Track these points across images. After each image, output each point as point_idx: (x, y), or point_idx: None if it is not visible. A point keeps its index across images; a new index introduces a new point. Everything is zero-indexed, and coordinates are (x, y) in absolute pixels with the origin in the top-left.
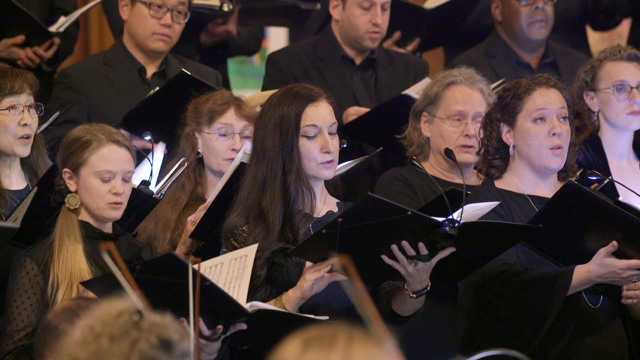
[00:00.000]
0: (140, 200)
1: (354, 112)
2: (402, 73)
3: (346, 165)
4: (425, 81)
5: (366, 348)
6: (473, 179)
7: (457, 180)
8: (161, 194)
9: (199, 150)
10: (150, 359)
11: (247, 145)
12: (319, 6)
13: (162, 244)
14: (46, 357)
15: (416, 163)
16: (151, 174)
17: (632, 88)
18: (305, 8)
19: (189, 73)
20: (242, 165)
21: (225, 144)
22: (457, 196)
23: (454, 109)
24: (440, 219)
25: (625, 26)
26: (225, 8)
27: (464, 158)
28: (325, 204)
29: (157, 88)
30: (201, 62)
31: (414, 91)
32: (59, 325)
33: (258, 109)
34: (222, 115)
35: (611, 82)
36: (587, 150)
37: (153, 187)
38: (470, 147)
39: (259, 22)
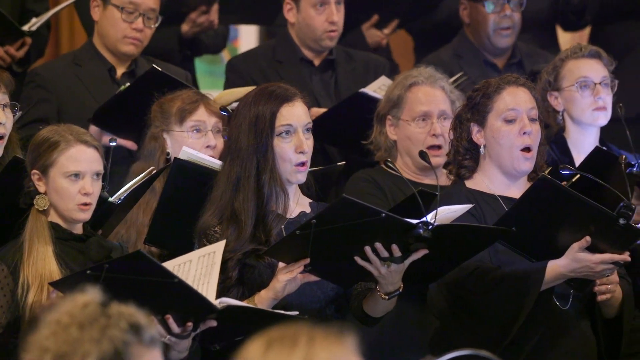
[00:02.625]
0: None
1: (314, 113)
2: (362, 73)
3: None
4: (382, 79)
5: (328, 347)
6: (443, 178)
7: (426, 181)
8: (119, 199)
9: (169, 151)
10: (121, 343)
11: (185, 148)
12: None
13: (135, 249)
14: None
15: (391, 165)
16: (107, 178)
17: (595, 84)
18: None
19: (160, 69)
20: (176, 161)
21: (200, 141)
22: (427, 197)
23: (418, 110)
24: (414, 221)
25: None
26: None
27: (434, 162)
28: (298, 205)
29: (128, 84)
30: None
31: (371, 89)
32: None
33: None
34: (194, 112)
35: (574, 79)
36: (553, 149)
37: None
38: (439, 146)
39: (232, 19)
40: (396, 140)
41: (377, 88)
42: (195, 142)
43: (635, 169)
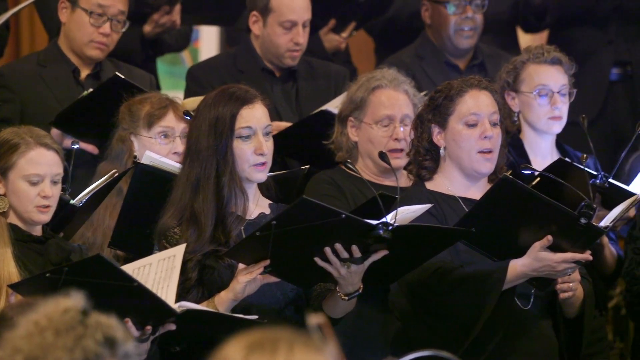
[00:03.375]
0: (59, 207)
1: (275, 127)
2: (323, 83)
3: (272, 174)
4: (344, 95)
5: (307, 354)
6: (403, 180)
7: (387, 182)
8: (81, 201)
9: (136, 154)
10: (93, 355)
11: (148, 153)
12: None
13: (102, 252)
14: None
15: (350, 166)
16: (69, 181)
17: (554, 93)
18: None
19: (123, 77)
20: (139, 165)
21: (167, 147)
22: (388, 200)
23: (381, 114)
24: (374, 222)
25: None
26: None
27: (394, 164)
28: (257, 206)
29: (91, 90)
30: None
31: (334, 106)
32: (13, 318)
33: None
34: (162, 118)
35: (533, 86)
36: (510, 152)
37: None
38: (400, 150)
39: (194, 20)
40: (357, 141)
41: (340, 104)
42: (162, 148)
43: (598, 180)
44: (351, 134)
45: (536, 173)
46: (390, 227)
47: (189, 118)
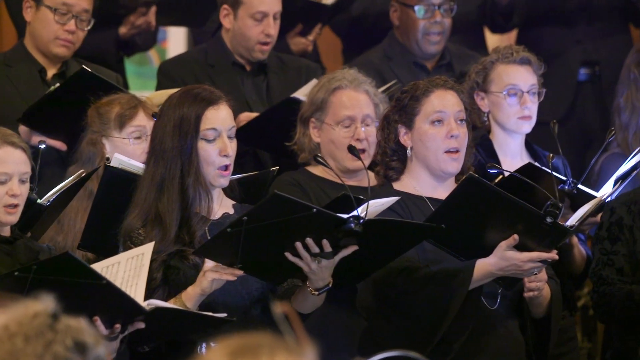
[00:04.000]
0: (27, 206)
1: (245, 117)
2: (294, 77)
3: (240, 176)
4: (313, 83)
5: (289, 359)
6: (366, 180)
7: (350, 182)
8: (49, 201)
9: (108, 156)
10: None
11: (117, 155)
12: None
13: None
14: None
15: (321, 160)
16: (36, 180)
17: (523, 93)
18: None
19: (90, 70)
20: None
21: (140, 147)
22: (356, 201)
23: (342, 115)
24: (345, 216)
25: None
26: None
27: (358, 164)
28: (221, 207)
29: (58, 84)
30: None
31: (302, 94)
32: None
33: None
34: (133, 118)
35: (503, 86)
36: (479, 152)
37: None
38: (363, 150)
39: (164, 21)
40: (319, 142)
41: (309, 92)
42: (136, 148)
43: (566, 186)
44: (313, 135)
45: (506, 174)
46: (361, 221)
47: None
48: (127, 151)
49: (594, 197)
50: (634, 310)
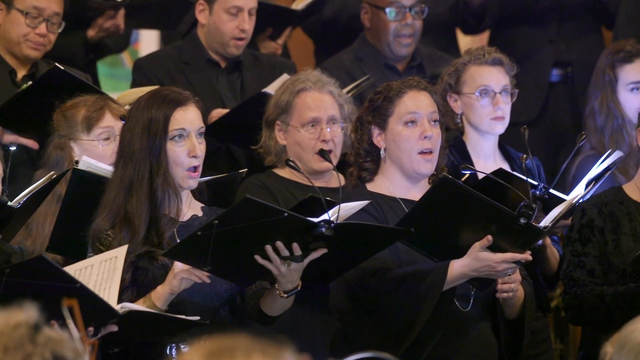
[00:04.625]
0: None
1: (217, 114)
2: (268, 75)
3: (209, 178)
4: (284, 77)
5: None
6: (334, 180)
7: (317, 184)
8: (19, 203)
9: (77, 159)
10: None
11: (85, 158)
12: None
13: None
14: None
15: (292, 164)
16: (6, 182)
17: (495, 93)
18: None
19: (62, 68)
20: (75, 171)
21: (109, 148)
22: (319, 202)
23: (307, 117)
24: (316, 220)
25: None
26: None
27: (323, 166)
28: (190, 208)
29: (30, 82)
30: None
31: (273, 89)
32: None
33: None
34: (101, 119)
35: (475, 87)
36: (452, 153)
37: None
38: (329, 151)
39: (135, 24)
40: (285, 145)
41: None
42: (105, 150)
43: (538, 191)
44: (279, 138)
45: (479, 176)
46: (332, 225)
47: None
48: (97, 153)
49: (566, 200)
50: (605, 312)
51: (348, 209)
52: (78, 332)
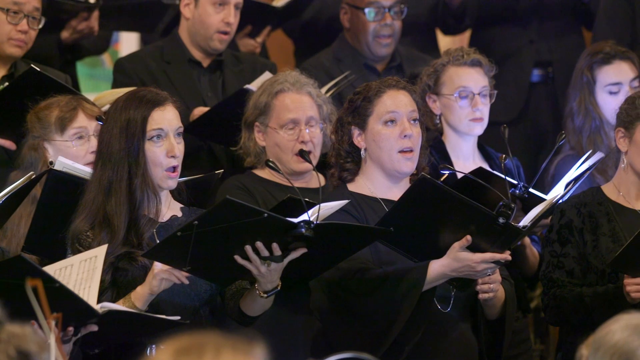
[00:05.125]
0: None
1: (199, 112)
2: (249, 74)
3: (185, 179)
4: (265, 75)
5: (235, 357)
6: (314, 181)
7: (297, 184)
8: None
9: (52, 160)
10: None
11: (61, 159)
12: (178, 1)
13: None
14: None
15: (272, 165)
16: None
17: (474, 95)
18: (167, 2)
19: (39, 69)
20: (51, 172)
21: (83, 148)
22: (299, 203)
23: (285, 118)
24: (296, 221)
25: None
26: (92, 0)
27: (303, 167)
28: (169, 209)
29: (6, 83)
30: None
31: (254, 86)
32: None
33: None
34: (74, 120)
35: (454, 88)
36: (432, 154)
37: None
38: (308, 152)
39: (111, 26)
40: (265, 146)
41: (261, 83)
42: (79, 150)
43: (517, 191)
44: (258, 139)
45: (458, 175)
46: (311, 225)
47: (102, 123)
48: (71, 153)
49: (545, 200)
50: (584, 313)
51: (327, 209)
52: (42, 312)
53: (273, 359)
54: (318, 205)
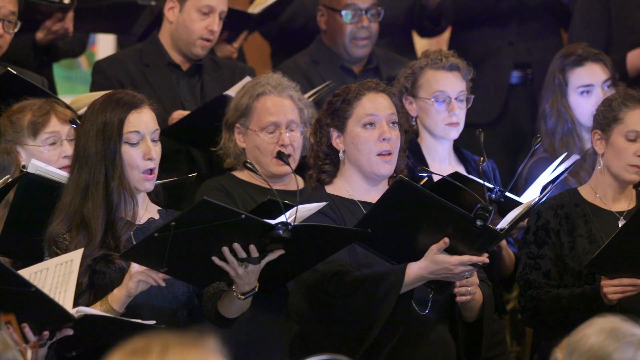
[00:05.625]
0: None
1: (177, 115)
2: (228, 78)
3: (159, 182)
4: (246, 80)
5: (182, 353)
6: (292, 184)
7: (276, 187)
8: None
9: (24, 164)
10: None
11: (34, 161)
12: (153, 2)
13: None
14: None
15: (250, 166)
16: None
17: (451, 99)
18: (142, 3)
19: (15, 72)
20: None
21: (56, 153)
22: (277, 205)
23: (266, 121)
24: (273, 222)
25: (447, 31)
26: (66, 0)
27: (283, 169)
28: (146, 212)
29: None
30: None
31: (234, 91)
32: None
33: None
34: (47, 124)
35: (431, 92)
36: (408, 156)
37: None
38: (288, 155)
39: (86, 27)
40: (245, 148)
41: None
42: (51, 154)
43: (494, 195)
44: (238, 141)
45: (435, 179)
46: (289, 227)
47: (75, 126)
48: (43, 158)
49: (521, 204)
50: (561, 314)
51: (305, 210)
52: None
53: None
54: (296, 207)
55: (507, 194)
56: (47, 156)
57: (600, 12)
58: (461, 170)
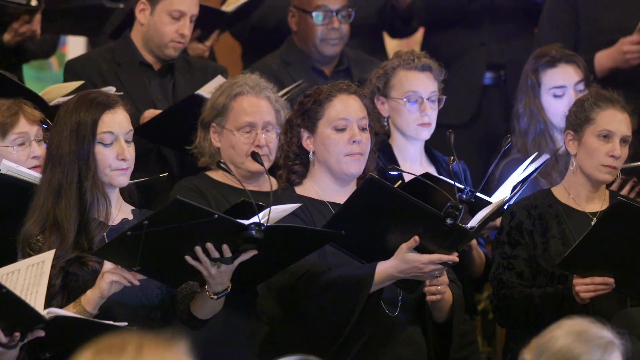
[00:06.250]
0: None
1: (149, 114)
2: (200, 78)
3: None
4: (218, 79)
5: (156, 353)
6: (266, 185)
7: (250, 187)
8: None
9: None
10: None
11: (5, 162)
12: (122, 5)
13: None
14: None
15: (224, 166)
16: None
17: (423, 100)
18: (110, 7)
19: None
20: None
21: (24, 153)
22: (251, 206)
23: (242, 121)
24: (246, 222)
25: (420, 32)
26: (33, 3)
27: (257, 167)
28: (120, 212)
29: None
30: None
31: (206, 91)
32: None
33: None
34: (15, 125)
35: (403, 92)
36: (379, 157)
37: None
38: (263, 156)
39: (55, 29)
40: (220, 147)
41: (213, 89)
42: (20, 155)
43: (464, 195)
44: (214, 140)
45: (407, 179)
46: (262, 227)
47: (46, 127)
48: (12, 159)
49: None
50: (533, 313)
51: (279, 211)
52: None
53: None
54: (269, 208)
55: (478, 194)
56: (16, 157)
57: (568, 13)
58: (432, 171)
